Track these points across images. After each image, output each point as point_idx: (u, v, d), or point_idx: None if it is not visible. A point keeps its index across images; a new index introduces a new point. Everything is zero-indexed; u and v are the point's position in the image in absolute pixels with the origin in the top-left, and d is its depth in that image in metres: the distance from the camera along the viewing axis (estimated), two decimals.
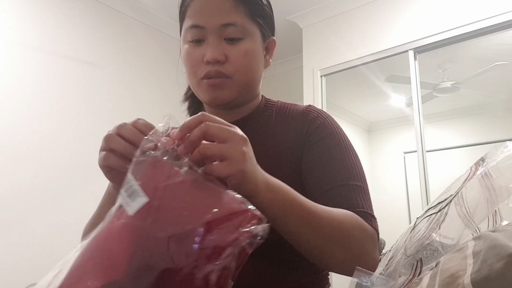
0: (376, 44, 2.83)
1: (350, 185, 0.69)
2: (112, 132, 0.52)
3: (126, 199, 0.43)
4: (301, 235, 0.58)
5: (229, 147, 0.47)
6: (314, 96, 3.05)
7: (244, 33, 0.73)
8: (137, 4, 3.05)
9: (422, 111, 2.60)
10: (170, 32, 3.33)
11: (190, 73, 0.76)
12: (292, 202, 0.57)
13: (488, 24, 2.40)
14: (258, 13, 0.76)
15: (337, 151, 0.73)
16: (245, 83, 0.75)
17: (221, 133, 0.47)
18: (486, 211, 0.45)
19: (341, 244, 0.60)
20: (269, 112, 0.82)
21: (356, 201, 0.68)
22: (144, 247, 0.41)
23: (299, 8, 3.14)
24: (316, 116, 0.78)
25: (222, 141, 0.47)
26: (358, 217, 0.64)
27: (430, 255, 0.43)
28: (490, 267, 0.33)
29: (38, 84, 2.44)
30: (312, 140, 0.75)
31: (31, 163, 2.31)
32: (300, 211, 0.57)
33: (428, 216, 0.48)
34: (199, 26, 0.73)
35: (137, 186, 0.43)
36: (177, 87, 0.97)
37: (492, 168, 0.47)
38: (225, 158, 0.47)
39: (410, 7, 2.74)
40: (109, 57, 2.88)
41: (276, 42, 0.84)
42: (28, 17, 2.46)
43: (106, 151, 0.52)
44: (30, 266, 2.17)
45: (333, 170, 0.71)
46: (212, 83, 0.73)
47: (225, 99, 0.75)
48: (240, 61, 0.73)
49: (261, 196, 0.53)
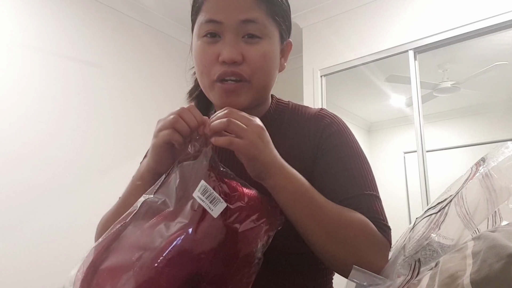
0: (376, 44, 2.83)
1: (366, 195, 0.68)
2: (176, 115, 0.59)
3: (207, 204, 0.52)
4: (307, 226, 0.60)
5: (246, 129, 0.57)
6: (314, 96, 3.05)
7: (264, 32, 0.69)
8: (137, 4, 3.05)
9: (422, 111, 2.59)
10: (170, 32, 3.33)
11: (203, 73, 0.71)
12: (304, 193, 0.60)
13: (488, 24, 2.39)
14: (278, 12, 0.72)
15: (351, 160, 0.71)
16: (261, 88, 0.72)
17: (242, 119, 0.58)
18: (486, 211, 0.45)
19: (345, 244, 0.60)
20: (280, 115, 0.79)
21: (372, 209, 0.67)
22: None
23: (299, 8, 3.13)
24: (330, 123, 0.75)
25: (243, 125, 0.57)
26: (370, 223, 0.63)
27: (430, 256, 0.43)
28: (490, 267, 0.33)
29: (38, 84, 2.44)
30: (326, 148, 0.72)
31: (31, 163, 2.31)
32: (309, 203, 0.60)
33: (427, 216, 0.48)
34: (216, 21, 0.68)
35: (214, 192, 0.53)
36: (177, 87, 0.97)
37: (493, 168, 0.47)
38: (242, 137, 0.56)
39: (410, 7, 2.74)
40: (109, 57, 2.88)
41: (292, 45, 0.79)
42: (28, 17, 2.46)
43: (171, 129, 0.59)
44: (30, 266, 2.17)
45: (347, 180, 0.69)
46: (228, 88, 0.69)
47: (240, 105, 0.69)
48: (258, 63, 0.69)
49: (273, 180, 0.59)
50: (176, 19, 3.23)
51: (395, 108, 3.82)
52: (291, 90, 3.27)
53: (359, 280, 0.43)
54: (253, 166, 0.58)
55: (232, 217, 0.51)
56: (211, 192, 0.52)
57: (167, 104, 2.98)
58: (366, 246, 0.61)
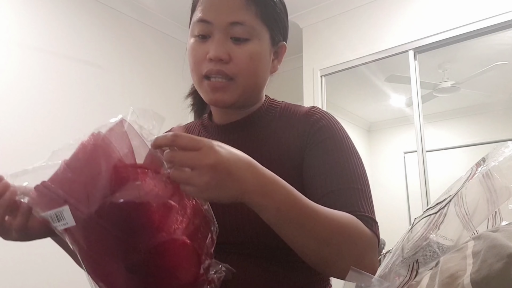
0: (376, 44, 2.83)
1: (352, 189, 0.68)
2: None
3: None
4: (297, 240, 0.58)
5: (192, 175, 0.50)
6: (314, 96, 3.05)
7: (252, 34, 0.71)
8: (137, 4, 3.05)
9: (422, 111, 2.59)
10: (170, 32, 3.33)
11: (193, 70, 0.74)
12: (289, 206, 0.56)
13: (488, 24, 2.39)
14: (269, 15, 0.73)
15: (340, 153, 0.71)
16: (247, 87, 0.73)
17: (187, 159, 0.50)
18: (487, 211, 0.45)
19: (338, 250, 0.59)
20: (272, 113, 0.80)
21: (358, 204, 0.66)
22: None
23: (299, 8, 3.13)
24: (319, 118, 0.75)
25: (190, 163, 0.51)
26: (358, 221, 0.63)
27: (429, 257, 0.43)
28: (490, 267, 0.33)
29: (37, 83, 2.44)
30: (314, 142, 0.73)
31: (29, 162, 2.31)
32: (296, 216, 0.56)
33: (426, 217, 0.48)
34: (206, 21, 0.70)
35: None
36: (176, 87, 0.97)
37: (494, 168, 0.47)
38: (190, 184, 0.50)
39: (410, 7, 2.74)
40: (109, 57, 2.88)
41: (287, 47, 0.80)
42: (28, 17, 2.46)
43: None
44: (31, 266, 2.17)
45: (334, 173, 0.69)
46: (214, 85, 0.71)
47: (226, 102, 0.72)
48: (244, 63, 0.70)
49: (251, 202, 0.54)
50: (176, 19, 3.23)
51: (395, 108, 3.82)
52: (291, 90, 3.27)
53: (356, 281, 0.43)
54: (221, 201, 0.53)
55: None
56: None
57: (167, 104, 2.98)
58: (359, 246, 0.61)
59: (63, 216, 0.49)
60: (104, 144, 0.51)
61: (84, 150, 0.52)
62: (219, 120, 0.82)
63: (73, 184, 0.50)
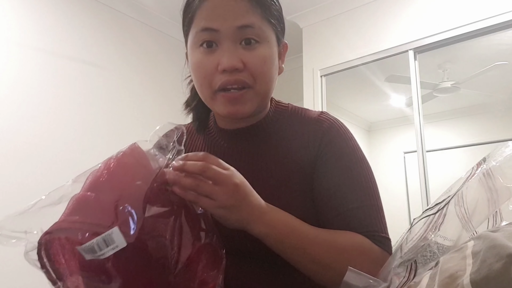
0: (376, 44, 2.83)
1: (365, 206, 0.67)
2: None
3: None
4: (299, 263, 0.61)
5: (217, 190, 0.54)
6: (314, 96, 3.05)
7: (261, 36, 0.67)
8: (137, 4, 3.05)
9: (422, 111, 2.59)
10: (170, 32, 3.33)
11: (202, 85, 0.69)
12: (290, 233, 0.60)
13: (488, 24, 2.39)
14: (272, 15, 0.70)
15: (351, 168, 0.70)
16: (264, 93, 0.70)
17: (216, 175, 0.55)
18: (487, 211, 0.45)
19: (340, 271, 0.59)
20: (279, 118, 0.77)
21: (371, 224, 0.66)
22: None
23: (299, 8, 3.13)
24: (329, 127, 0.73)
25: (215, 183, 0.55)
26: (366, 242, 0.63)
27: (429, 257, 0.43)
28: (490, 267, 0.33)
29: (37, 84, 2.43)
30: (325, 156, 0.71)
31: (30, 163, 2.31)
32: (298, 241, 0.60)
33: (425, 217, 0.48)
34: (212, 29, 0.66)
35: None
36: (176, 87, 0.97)
37: (494, 168, 0.46)
38: (212, 198, 0.54)
39: (410, 7, 2.74)
40: (109, 57, 2.88)
41: (288, 46, 0.78)
42: (27, 17, 2.46)
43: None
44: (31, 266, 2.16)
45: (348, 191, 0.68)
46: (231, 97, 0.66)
47: (246, 113, 0.68)
48: (259, 68, 0.67)
49: (254, 230, 0.59)
50: (176, 19, 3.23)
51: (395, 108, 3.82)
52: (291, 90, 3.27)
53: (354, 282, 0.43)
54: (226, 222, 0.58)
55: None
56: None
57: (167, 104, 2.98)
58: (365, 266, 0.60)
59: (113, 239, 0.47)
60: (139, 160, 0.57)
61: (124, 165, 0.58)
62: (224, 125, 0.78)
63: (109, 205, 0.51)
